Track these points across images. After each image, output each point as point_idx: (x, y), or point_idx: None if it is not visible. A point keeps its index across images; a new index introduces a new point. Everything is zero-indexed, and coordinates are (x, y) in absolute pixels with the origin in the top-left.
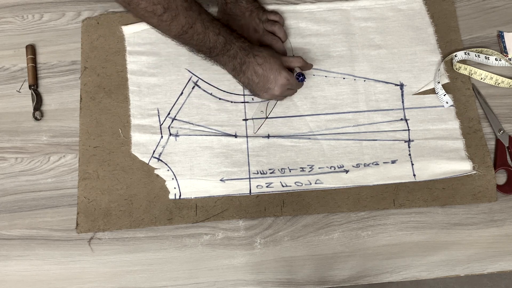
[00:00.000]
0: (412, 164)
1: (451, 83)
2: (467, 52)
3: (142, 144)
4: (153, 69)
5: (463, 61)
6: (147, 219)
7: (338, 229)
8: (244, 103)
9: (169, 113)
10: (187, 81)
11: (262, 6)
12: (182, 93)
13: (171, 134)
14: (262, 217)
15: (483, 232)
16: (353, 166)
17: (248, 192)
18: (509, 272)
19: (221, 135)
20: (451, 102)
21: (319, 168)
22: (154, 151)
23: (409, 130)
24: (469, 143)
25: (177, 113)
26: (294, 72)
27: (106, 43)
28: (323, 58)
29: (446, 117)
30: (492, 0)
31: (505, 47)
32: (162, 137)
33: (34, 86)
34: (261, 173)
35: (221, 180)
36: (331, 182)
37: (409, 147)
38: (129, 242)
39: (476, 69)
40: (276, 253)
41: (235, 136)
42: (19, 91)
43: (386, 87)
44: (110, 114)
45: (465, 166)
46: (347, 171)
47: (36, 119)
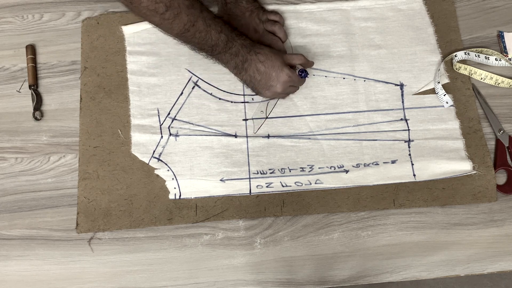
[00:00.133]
0: (412, 164)
1: (451, 83)
2: (467, 52)
3: (142, 144)
4: (153, 69)
5: (463, 61)
6: (147, 219)
7: (338, 229)
8: (244, 103)
9: (169, 113)
10: (187, 81)
11: (262, 6)
12: (182, 93)
13: (171, 134)
14: (262, 217)
15: (483, 232)
16: (353, 166)
17: (248, 192)
18: (509, 272)
19: (221, 135)
20: (451, 102)
21: (319, 168)
22: (154, 151)
23: (409, 130)
24: (469, 143)
25: (177, 113)
26: (296, 69)
27: (106, 43)
28: (323, 58)
29: (446, 117)
30: (492, 0)
31: (505, 47)
32: (162, 137)
33: (34, 86)
34: (261, 173)
35: (221, 180)
36: (331, 182)
37: (409, 147)
38: (129, 242)
39: (476, 69)
40: (276, 253)
41: (235, 136)
42: (19, 91)
43: (386, 87)
44: (110, 114)
45: (465, 166)
46: (347, 171)
47: (36, 119)
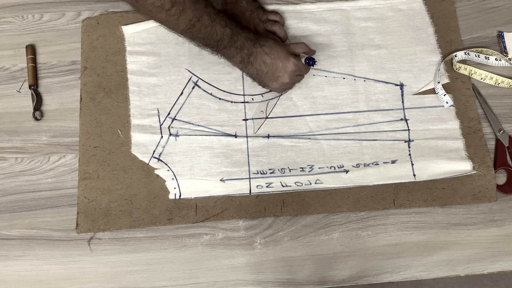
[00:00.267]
0: (412, 164)
1: (451, 83)
2: (467, 52)
3: (142, 144)
4: (153, 69)
5: (463, 61)
6: (147, 219)
7: (338, 229)
8: (244, 103)
9: (169, 113)
10: (187, 81)
11: (262, 6)
12: (182, 93)
13: (171, 134)
14: (262, 217)
15: (483, 232)
16: (353, 166)
17: (248, 192)
18: (509, 272)
19: (221, 135)
20: (451, 102)
21: (319, 168)
22: (154, 151)
23: (409, 130)
24: (469, 143)
25: (177, 113)
26: (301, 58)
27: (106, 43)
28: (323, 58)
29: (446, 117)
30: (492, 0)
31: (505, 47)
32: (162, 137)
33: (34, 86)
34: (261, 173)
35: (221, 180)
36: (331, 182)
37: (409, 147)
38: (129, 242)
39: (476, 69)
40: (276, 253)
41: (235, 136)
42: (19, 91)
43: (386, 87)
44: (110, 114)
45: (465, 166)
46: (347, 171)
47: (36, 119)
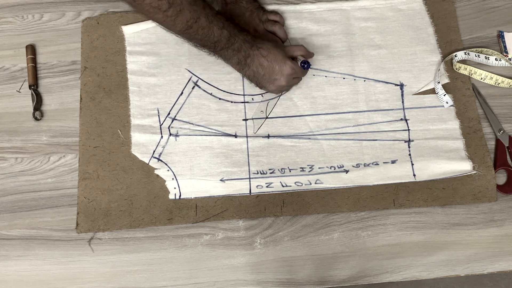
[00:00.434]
0: (412, 164)
1: (451, 83)
2: (467, 52)
3: (142, 144)
4: (153, 69)
5: (463, 61)
6: (147, 219)
7: (338, 229)
8: (244, 103)
9: (169, 113)
10: (187, 81)
11: (262, 6)
12: (182, 93)
13: (171, 134)
14: (262, 217)
15: (483, 232)
16: (353, 166)
17: (248, 192)
18: (509, 272)
19: (221, 135)
20: (451, 102)
21: (319, 168)
22: (154, 151)
23: (409, 130)
24: (469, 143)
25: (177, 113)
26: (297, 60)
27: (106, 43)
28: (323, 58)
29: (446, 117)
30: (492, 0)
31: (505, 47)
32: (162, 137)
33: (34, 86)
34: (261, 173)
35: (221, 180)
36: (331, 182)
37: (409, 147)
38: (129, 242)
39: (476, 69)
40: (276, 253)
41: (235, 136)
42: (19, 91)
43: (386, 87)
44: (110, 114)
45: (465, 166)
46: (347, 171)
47: (36, 119)
